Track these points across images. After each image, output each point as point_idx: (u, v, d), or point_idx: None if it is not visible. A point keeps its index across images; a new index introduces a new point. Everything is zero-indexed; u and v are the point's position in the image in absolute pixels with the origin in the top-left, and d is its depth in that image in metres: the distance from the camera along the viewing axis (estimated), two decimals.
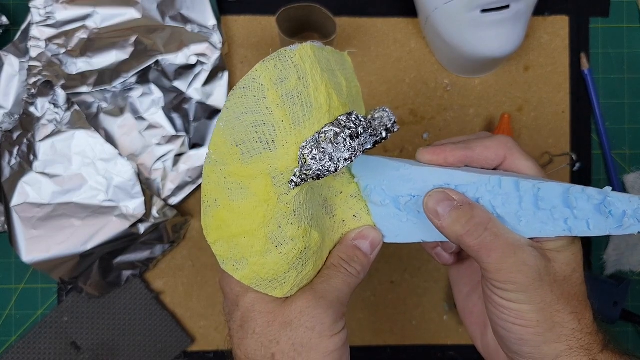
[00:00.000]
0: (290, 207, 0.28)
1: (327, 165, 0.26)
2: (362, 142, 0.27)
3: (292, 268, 0.29)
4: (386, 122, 0.31)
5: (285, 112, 0.27)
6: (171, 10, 0.54)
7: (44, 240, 0.53)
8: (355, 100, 0.32)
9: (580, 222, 0.29)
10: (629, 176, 0.58)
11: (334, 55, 0.31)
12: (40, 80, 0.53)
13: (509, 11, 0.50)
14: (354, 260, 0.32)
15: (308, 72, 0.27)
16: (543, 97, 0.58)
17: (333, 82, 0.28)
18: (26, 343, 0.55)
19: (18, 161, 0.53)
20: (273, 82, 0.27)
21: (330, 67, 0.29)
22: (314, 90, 0.27)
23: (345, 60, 0.32)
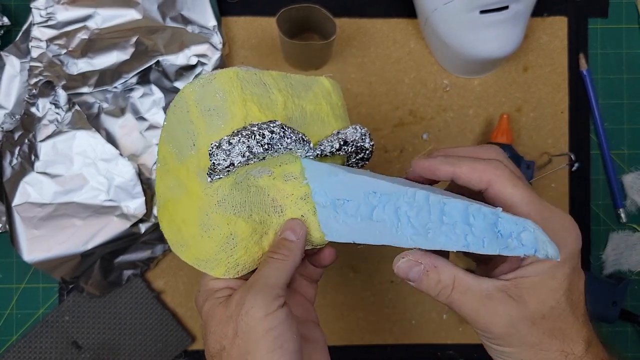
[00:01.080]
0: (214, 199, 0.34)
1: (223, 162, 0.32)
2: (269, 143, 0.33)
3: (221, 251, 0.35)
4: (354, 137, 0.37)
5: (203, 122, 0.33)
6: (172, 11, 0.54)
7: (45, 239, 0.53)
8: (332, 115, 0.38)
9: (477, 239, 0.29)
10: (627, 176, 0.59)
11: (292, 79, 0.37)
12: (42, 80, 0.54)
13: (508, 12, 0.50)
14: (281, 247, 0.35)
15: (227, 91, 0.33)
16: (542, 97, 0.58)
17: (259, 97, 0.34)
18: (27, 342, 0.56)
19: (19, 161, 0.54)
20: (195, 99, 0.34)
21: (264, 86, 0.35)
22: (231, 104, 0.33)
23: (318, 82, 0.38)
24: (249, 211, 0.35)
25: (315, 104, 0.37)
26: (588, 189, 0.59)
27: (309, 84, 0.38)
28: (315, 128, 0.37)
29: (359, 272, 0.58)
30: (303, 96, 0.37)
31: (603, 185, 0.59)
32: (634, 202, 0.58)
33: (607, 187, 0.59)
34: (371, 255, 0.58)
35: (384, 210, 0.32)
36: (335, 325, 0.58)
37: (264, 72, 0.35)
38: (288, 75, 0.37)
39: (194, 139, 0.33)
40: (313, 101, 0.37)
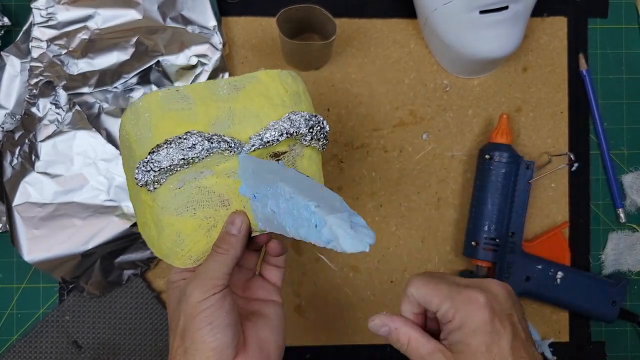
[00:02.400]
0: (158, 204, 0.39)
1: (143, 179, 0.38)
2: (183, 157, 0.38)
3: (174, 246, 0.40)
4: (295, 124, 0.40)
5: (138, 146, 0.39)
6: (172, 12, 0.54)
7: (45, 239, 0.53)
8: (270, 106, 0.41)
9: (310, 230, 0.34)
10: (627, 176, 0.59)
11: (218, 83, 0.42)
12: (42, 80, 0.54)
13: (507, 12, 0.50)
14: (223, 241, 0.39)
15: (151, 111, 0.39)
16: (541, 97, 0.58)
17: (178, 112, 0.39)
18: (27, 342, 0.56)
19: (20, 161, 0.54)
20: (130, 125, 0.40)
21: (185, 100, 0.40)
22: (153, 125, 0.39)
23: (254, 78, 0.42)
24: (192, 210, 0.40)
25: (245, 101, 0.41)
26: (587, 189, 0.59)
27: (241, 83, 0.41)
28: (248, 124, 0.40)
29: (359, 272, 0.58)
30: (231, 98, 0.41)
31: (602, 185, 0.59)
32: (633, 202, 0.58)
33: (607, 187, 0.59)
34: (371, 255, 0.58)
35: (274, 203, 0.37)
36: (335, 325, 0.58)
37: (187, 86, 0.41)
38: (216, 82, 0.41)
39: (135, 162, 0.39)
40: (243, 99, 0.41)
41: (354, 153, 0.58)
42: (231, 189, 0.40)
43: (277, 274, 0.46)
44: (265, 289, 0.45)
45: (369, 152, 0.58)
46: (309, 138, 0.42)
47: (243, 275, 0.45)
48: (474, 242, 0.55)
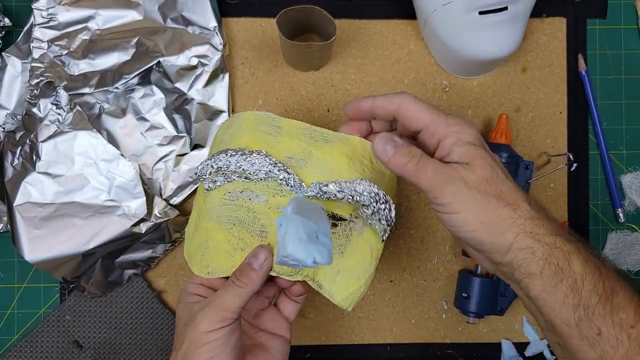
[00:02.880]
0: (206, 206, 0.42)
1: (201, 171, 0.42)
2: (239, 168, 0.40)
3: (198, 250, 0.42)
4: (359, 190, 0.40)
5: (220, 142, 0.43)
6: (172, 12, 0.55)
7: (46, 239, 0.53)
8: (350, 168, 0.42)
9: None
10: (626, 176, 0.59)
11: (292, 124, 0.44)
12: (43, 81, 0.54)
13: (506, 13, 0.50)
14: (243, 274, 0.39)
15: (243, 124, 0.43)
16: (541, 98, 0.59)
17: (264, 134, 0.42)
18: (28, 342, 0.56)
19: (21, 161, 0.54)
20: (224, 126, 0.45)
21: (276, 128, 0.43)
22: (239, 135, 0.42)
23: (347, 139, 0.43)
24: (230, 224, 0.40)
25: (328, 153, 0.41)
26: (586, 189, 0.59)
27: (333, 138, 0.42)
28: (319, 172, 0.41)
29: None
30: (317, 145, 0.42)
31: (601, 185, 0.59)
32: (632, 202, 0.59)
33: (606, 187, 0.59)
34: None
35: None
36: (335, 325, 0.58)
37: (285, 119, 0.43)
38: (311, 127, 0.43)
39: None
40: (326, 151, 0.41)
41: None
42: (275, 224, 0.41)
43: (293, 308, 0.45)
44: (276, 321, 0.44)
45: None
46: (370, 212, 0.40)
47: (258, 303, 0.45)
48: None
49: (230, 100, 0.56)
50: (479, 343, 0.58)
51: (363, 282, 0.42)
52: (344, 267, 0.41)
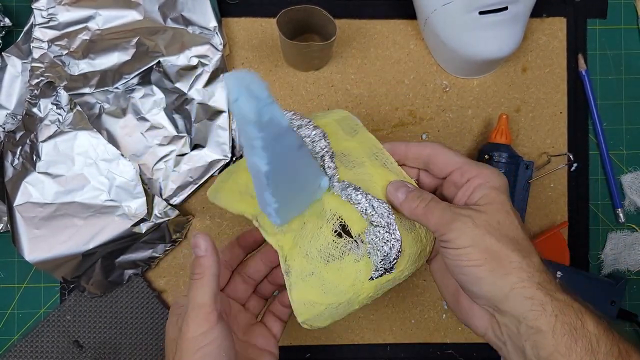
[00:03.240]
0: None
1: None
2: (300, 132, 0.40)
3: (221, 181, 0.45)
4: (376, 213, 0.39)
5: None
6: (172, 12, 0.55)
7: (46, 239, 0.53)
8: (380, 188, 0.42)
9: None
10: (626, 176, 0.59)
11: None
12: (43, 81, 0.54)
13: (507, 13, 0.50)
14: (195, 266, 0.39)
15: (330, 113, 0.46)
16: (541, 98, 0.59)
17: (339, 128, 0.44)
18: (29, 342, 0.56)
19: (21, 161, 0.54)
20: (322, 112, 0.47)
21: (351, 130, 0.44)
22: (322, 117, 0.45)
23: (394, 169, 0.43)
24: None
25: (378, 174, 0.41)
26: (587, 189, 0.59)
27: (392, 168, 0.42)
28: (357, 178, 0.40)
29: None
30: (373, 163, 0.42)
31: (602, 185, 0.59)
32: (632, 202, 0.59)
33: (606, 187, 0.59)
34: None
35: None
36: (335, 325, 0.58)
37: (364, 129, 0.44)
38: (382, 150, 0.43)
39: None
40: (379, 172, 0.41)
41: None
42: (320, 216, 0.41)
43: (279, 326, 0.46)
44: (265, 337, 0.45)
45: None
46: (373, 236, 0.38)
47: (247, 318, 0.46)
48: None
49: None
50: (479, 343, 0.58)
51: (327, 304, 0.40)
52: (321, 275, 0.39)
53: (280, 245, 0.40)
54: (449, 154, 0.40)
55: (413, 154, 0.41)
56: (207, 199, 0.57)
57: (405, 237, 0.40)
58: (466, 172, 0.38)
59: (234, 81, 0.28)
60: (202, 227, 0.57)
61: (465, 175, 0.38)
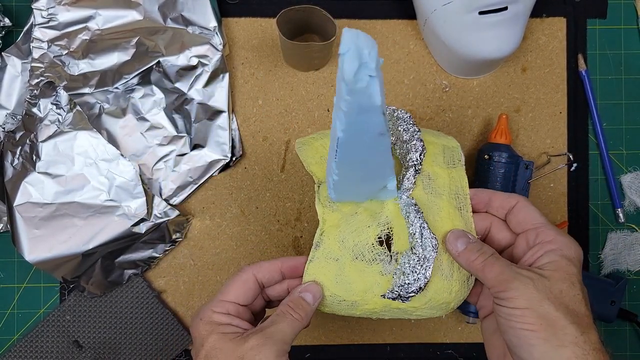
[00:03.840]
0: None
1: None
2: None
3: (310, 137, 0.46)
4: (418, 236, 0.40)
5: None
6: (172, 12, 0.55)
7: (46, 239, 0.53)
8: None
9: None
10: (626, 176, 0.59)
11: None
12: (43, 81, 0.54)
13: (507, 13, 0.50)
14: (298, 307, 0.39)
15: (439, 135, 0.46)
16: (541, 97, 0.59)
17: (441, 155, 0.44)
18: (28, 341, 0.56)
19: (21, 161, 0.54)
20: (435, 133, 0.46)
21: (452, 159, 0.44)
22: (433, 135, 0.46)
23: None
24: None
25: (446, 206, 0.41)
26: (586, 189, 0.59)
27: (461, 204, 0.42)
28: (426, 202, 0.40)
29: None
30: (448, 200, 0.41)
31: (601, 185, 0.59)
32: (632, 202, 0.59)
33: (606, 187, 0.59)
34: None
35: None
36: (335, 325, 0.58)
37: (462, 166, 0.43)
38: (465, 196, 0.42)
39: None
40: (448, 204, 0.41)
41: None
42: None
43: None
44: None
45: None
46: (403, 260, 0.39)
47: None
48: None
49: (230, 100, 0.56)
50: (479, 343, 0.58)
51: (333, 293, 0.40)
52: (343, 266, 0.40)
53: (324, 218, 0.41)
54: (531, 211, 0.39)
55: (497, 203, 0.41)
56: (207, 198, 0.57)
57: (438, 281, 0.39)
58: (541, 234, 0.37)
59: (350, 36, 0.26)
60: (202, 227, 0.57)
61: (540, 236, 0.37)
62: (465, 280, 0.41)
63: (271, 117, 0.58)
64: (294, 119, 0.58)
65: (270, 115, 0.58)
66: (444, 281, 0.39)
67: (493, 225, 0.41)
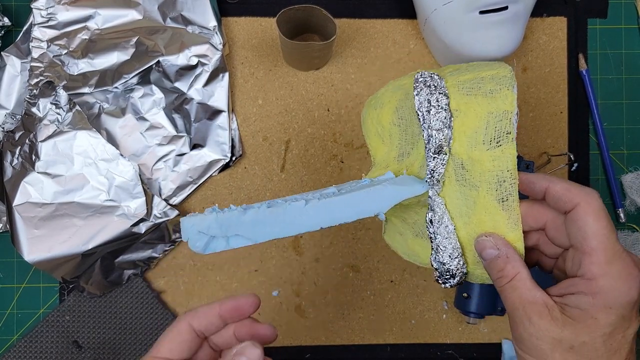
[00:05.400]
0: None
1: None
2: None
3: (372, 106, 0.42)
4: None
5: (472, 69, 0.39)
6: (172, 12, 0.55)
7: (46, 239, 0.53)
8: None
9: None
10: (626, 176, 0.59)
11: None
12: (42, 80, 0.54)
13: (507, 12, 0.50)
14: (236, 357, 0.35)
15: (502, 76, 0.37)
16: (541, 97, 0.59)
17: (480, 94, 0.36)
18: (28, 342, 0.56)
19: (20, 161, 0.54)
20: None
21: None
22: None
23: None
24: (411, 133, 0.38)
25: (482, 201, 0.35)
26: None
27: (505, 194, 0.35)
28: (459, 194, 0.35)
29: (359, 272, 0.58)
30: (487, 188, 0.35)
31: (602, 185, 0.59)
32: (633, 202, 0.58)
33: (606, 187, 0.59)
34: (371, 255, 0.58)
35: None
36: (335, 325, 0.58)
37: (512, 140, 0.34)
38: (511, 175, 0.34)
39: None
40: (485, 198, 0.35)
41: (354, 153, 0.58)
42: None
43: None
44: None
45: (368, 152, 0.58)
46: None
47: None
48: None
49: (230, 99, 0.56)
50: (480, 343, 0.58)
51: (407, 257, 0.41)
52: (405, 240, 0.40)
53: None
54: (591, 226, 0.30)
55: (555, 198, 0.32)
56: (206, 198, 0.57)
57: (481, 270, 0.36)
58: (585, 266, 0.30)
59: (185, 227, 0.36)
60: None
61: (582, 268, 0.30)
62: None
63: (271, 116, 0.58)
64: (294, 119, 0.58)
65: (270, 115, 0.58)
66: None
67: (549, 224, 0.34)
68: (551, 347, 0.30)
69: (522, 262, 0.33)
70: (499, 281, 0.33)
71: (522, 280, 0.32)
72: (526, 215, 0.34)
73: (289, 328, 0.57)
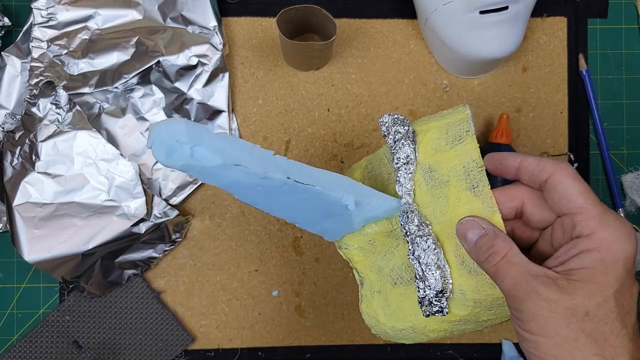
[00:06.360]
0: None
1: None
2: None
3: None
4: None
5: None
6: (172, 12, 0.55)
7: (46, 239, 0.53)
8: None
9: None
10: (626, 176, 0.59)
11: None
12: (42, 80, 0.54)
13: (507, 12, 0.50)
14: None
15: (448, 115, 0.39)
16: (541, 97, 0.59)
17: (440, 136, 0.38)
18: (28, 342, 0.56)
19: (20, 161, 0.54)
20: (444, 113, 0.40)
21: (458, 137, 0.38)
22: (431, 120, 0.40)
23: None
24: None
25: (454, 192, 0.36)
26: None
27: (480, 194, 0.36)
28: (432, 197, 0.36)
29: None
30: (459, 187, 0.36)
31: (602, 185, 0.59)
32: (633, 202, 0.58)
33: (607, 187, 0.59)
34: None
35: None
36: (336, 325, 0.58)
37: (472, 135, 0.36)
38: (481, 169, 0.35)
39: None
40: (456, 188, 0.36)
41: (354, 153, 0.58)
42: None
43: None
44: None
45: (369, 152, 0.58)
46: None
47: None
48: None
49: (230, 99, 0.56)
50: (480, 343, 0.58)
51: (390, 325, 0.38)
52: (385, 296, 0.38)
53: (349, 258, 0.40)
54: (569, 187, 0.30)
55: (526, 174, 0.32)
56: (206, 198, 0.57)
57: (467, 279, 0.34)
58: (579, 225, 0.29)
59: (154, 131, 0.31)
60: (202, 227, 0.57)
61: (577, 228, 0.29)
62: None
63: (271, 116, 0.58)
64: (294, 119, 0.58)
65: (270, 115, 0.58)
66: (475, 277, 0.34)
67: (527, 201, 0.33)
68: (566, 320, 0.28)
69: (510, 239, 0.31)
70: (491, 259, 0.30)
71: (517, 254, 0.30)
72: (501, 196, 0.34)
73: (289, 328, 0.57)
